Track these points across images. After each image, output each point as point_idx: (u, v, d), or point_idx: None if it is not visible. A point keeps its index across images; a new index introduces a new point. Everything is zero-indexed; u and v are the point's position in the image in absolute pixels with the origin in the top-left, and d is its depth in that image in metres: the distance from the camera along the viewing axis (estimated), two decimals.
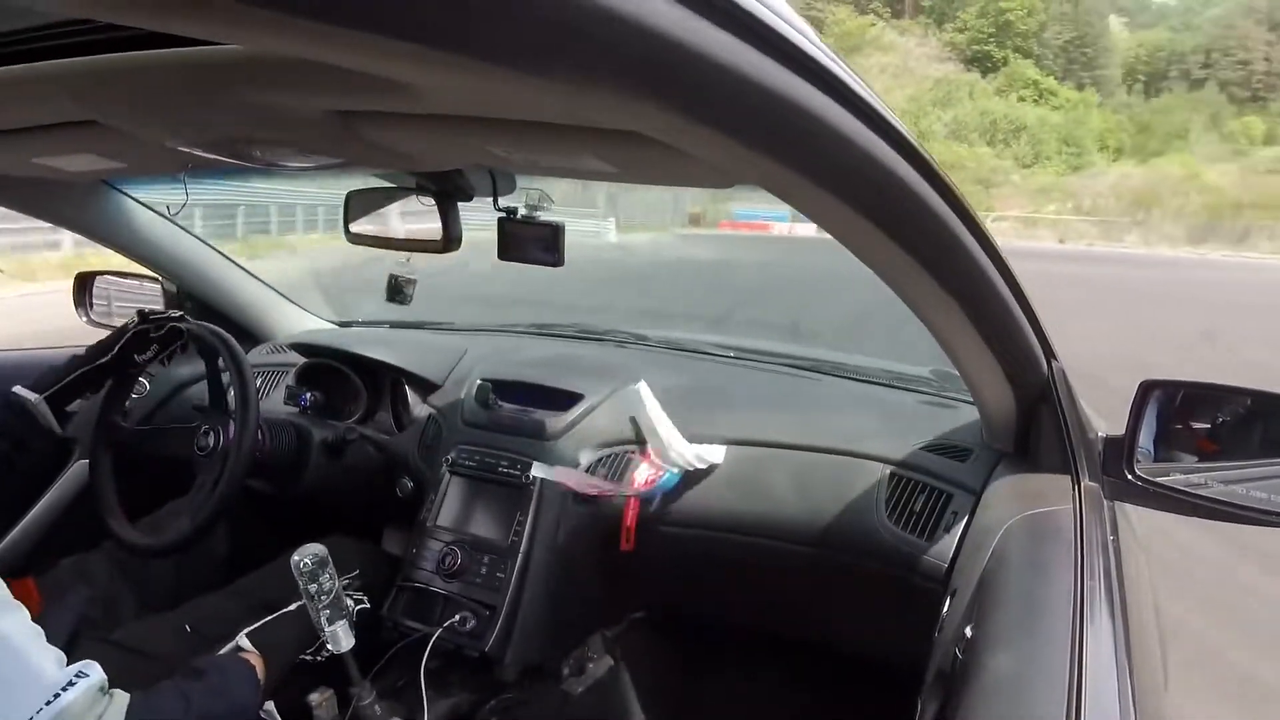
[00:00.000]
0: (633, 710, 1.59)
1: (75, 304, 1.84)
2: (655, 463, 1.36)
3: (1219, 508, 0.88)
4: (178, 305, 1.78)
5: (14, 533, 1.59)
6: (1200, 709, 2.15)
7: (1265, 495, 0.86)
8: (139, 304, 1.81)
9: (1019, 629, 0.72)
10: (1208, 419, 0.97)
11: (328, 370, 1.73)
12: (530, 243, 1.12)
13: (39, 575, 1.28)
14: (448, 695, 1.37)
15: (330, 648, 1.13)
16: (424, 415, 1.65)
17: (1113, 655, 0.68)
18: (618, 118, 0.46)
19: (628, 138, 0.59)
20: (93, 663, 0.83)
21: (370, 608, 1.23)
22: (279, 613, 1.14)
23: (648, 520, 1.37)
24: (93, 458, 1.41)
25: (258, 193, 11.49)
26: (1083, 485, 0.95)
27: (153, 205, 1.61)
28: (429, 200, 1.13)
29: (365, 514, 1.70)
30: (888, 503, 1.24)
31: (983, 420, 1.18)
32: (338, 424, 1.61)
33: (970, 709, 0.63)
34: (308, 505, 1.58)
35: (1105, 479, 0.98)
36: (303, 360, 1.76)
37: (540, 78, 0.37)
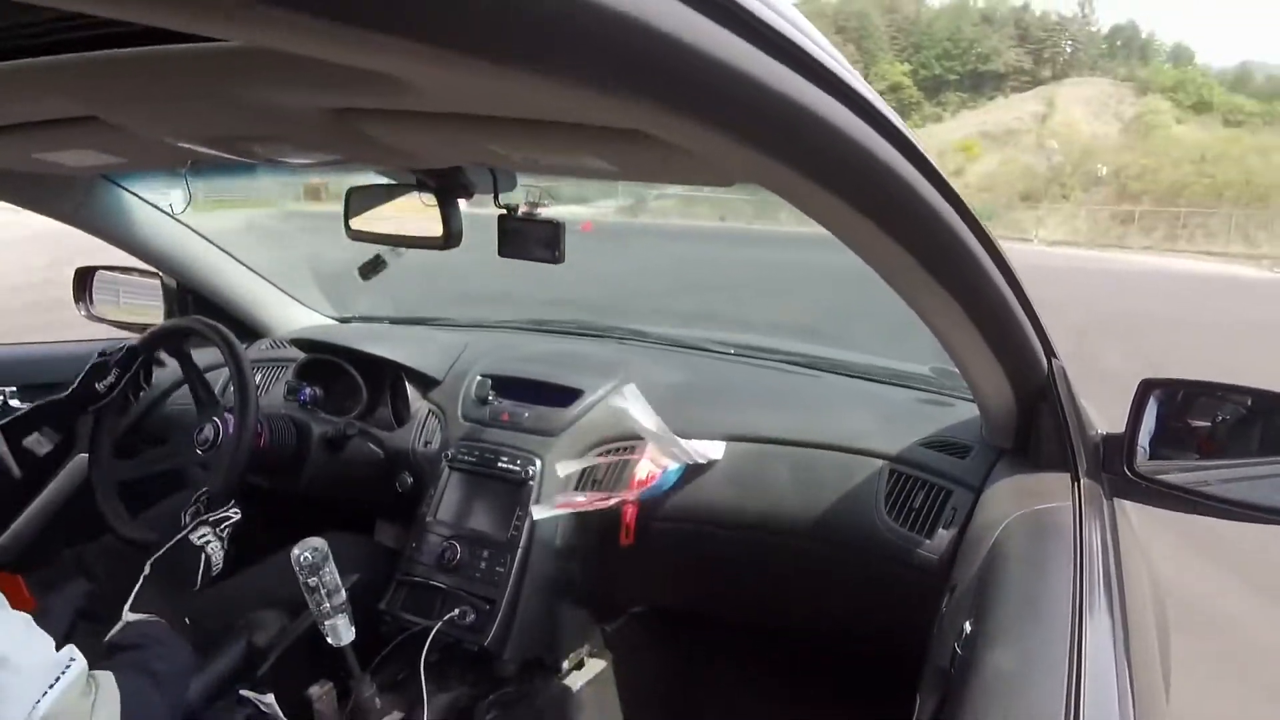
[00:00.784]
0: (632, 704, 1.60)
1: (75, 299, 1.84)
2: (655, 459, 1.37)
3: (1218, 505, 0.88)
4: (178, 300, 1.78)
5: (14, 526, 1.60)
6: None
7: (1265, 493, 0.87)
8: (139, 299, 1.81)
9: (1018, 625, 0.72)
10: (1207, 417, 0.97)
11: (327, 366, 1.73)
12: (530, 240, 1.12)
13: (37, 568, 1.28)
14: (447, 689, 1.37)
15: (330, 641, 1.13)
16: (424, 411, 1.65)
17: (1111, 651, 0.68)
18: (619, 116, 0.46)
19: (629, 136, 0.59)
20: (71, 646, 0.84)
21: (367, 603, 1.23)
22: (138, 583, 1.11)
23: (647, 515, 1.37)
24: (92, 458, 1.42)
25: None
26: (1082, 482, 0.95)
27: (153, 200, 1.61)
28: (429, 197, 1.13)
29: (364, 509, 1.71)
30: (887, 499, 1.24)
31: (982, 417, 1.18)
32: (337, 419, 1.61)
33: (970, 704, 0.64)
34: (307, 500, 1.58)
35: (1105, 476, 0.99)
36: (302, 355, 1.76)
37: (541, 75, 0.37)
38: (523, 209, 1.11)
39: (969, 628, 0.75)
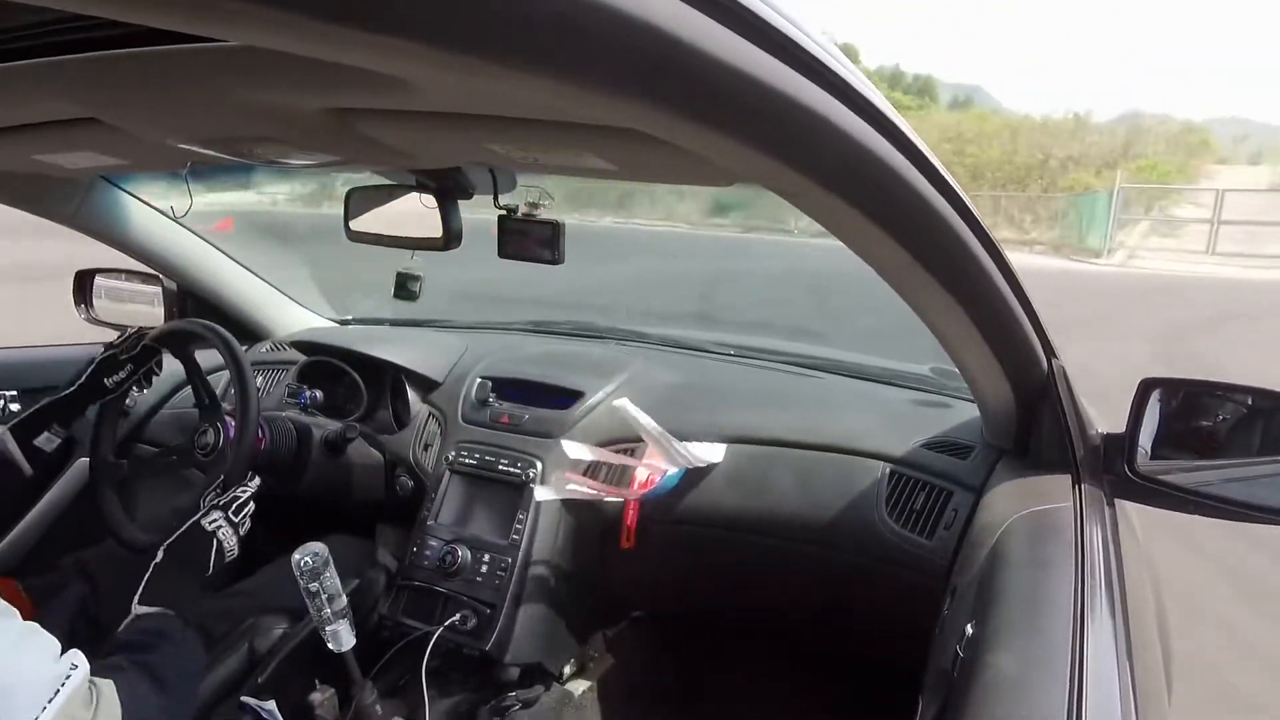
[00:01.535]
0: (634, 709, 1.60)
1: (75, 302, 1.83)
2: (655, 461, 1.36)
3: (1220, 505, 0.88)
4: (178, 303, 1.78)
5: (15, 531, 1.60)
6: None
7: (1266, 492, 0.86)
8: (139, 302, 1.81)
9: (1020, 627, 0.72)
10: (1208, 417, 0.97)
11: (328, 368, 1.72)
12: (530, 241, 1.12)
13: (39, 574, 1.28)
14: (449, 694, 1.37)
15: (331, 647, 1.13)
16: (424, 413, 1.65)
17: (1113, 653, 0.68)
18: (618, 115, 0.46)
19: (628, 135, 0.59)
20: (75, 653, 0.83)
21: (368, 608, 1.22)
22: (149, 570, 1.10)
23: (648, 518, 1.37)
24: (93, 461, 1.41)
25: None
26: (1083, 483, 0.95)
27: (152, 202, 1.61)
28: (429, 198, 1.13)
29: (365, 513, 1.70)
30: (888, 500, 1.24)
31: (983, 418, 1.18)
32: (338, 422, 1.61)
33: (972, 707, 0.63)
34: (308, 503, 1.58)
35: (1106, 477, 0.98)
36: (303, 358, 1.76)
37: (541, 75, 0.37)
38: (523, 209, 1.11)
39: (970, 630, 0.75)
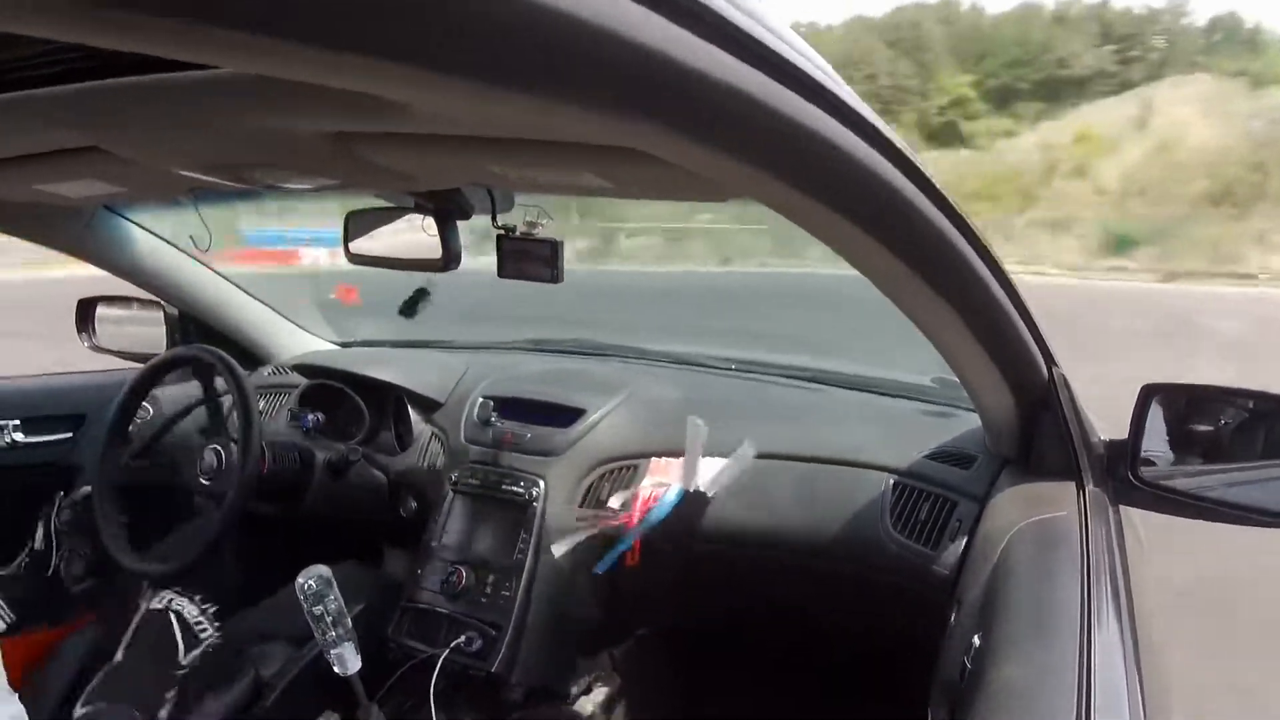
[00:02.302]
0: None
1: (78, 330, 1.84)
2: (659, 477, 1.36)
3: (1223, 510, 0.88)
4: (180, 329, 1.79)
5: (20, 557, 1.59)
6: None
7: (1269, 496, 0.86)
8: (141, 328, 1.81)
9: (1027, 637, 0.71)
10: (1210, 422, 0.97)
11: (330, 391, 1.73)
12: (529, 260, 1.13)
13: (48, 604, 1.27)
14: (455, 717, 1.36)
15: (337, 670, 1.12)
16: (426, 434, 1.65)
17: (1120, 661, 0.67)
18: (617, 135, 0.46)
19: (625, 154, 0.59)
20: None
21: (374, 631, 1.22)
22: (102, 673, 1.09)
23: (652, 536, 1.36)
24: (96, 489, 1.41)
25: None
26: (1087, 490, 0.95)
27: (152, 229, 1.62)
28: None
29: (369, 535, 1.70)
30: (892, 512, 1.23)
31: (985, 427, 1.17)
32: (341, 445, 1.61)
33: (980, 719, 0.63)
34: (311, 527, 1.58)
35: (1109, 483, 0.98)
36: (305, 381, 1.76)
37: (538, 98, 0.38)
38: (521, 229, 1.12)
39: (978, 641, 0.74)
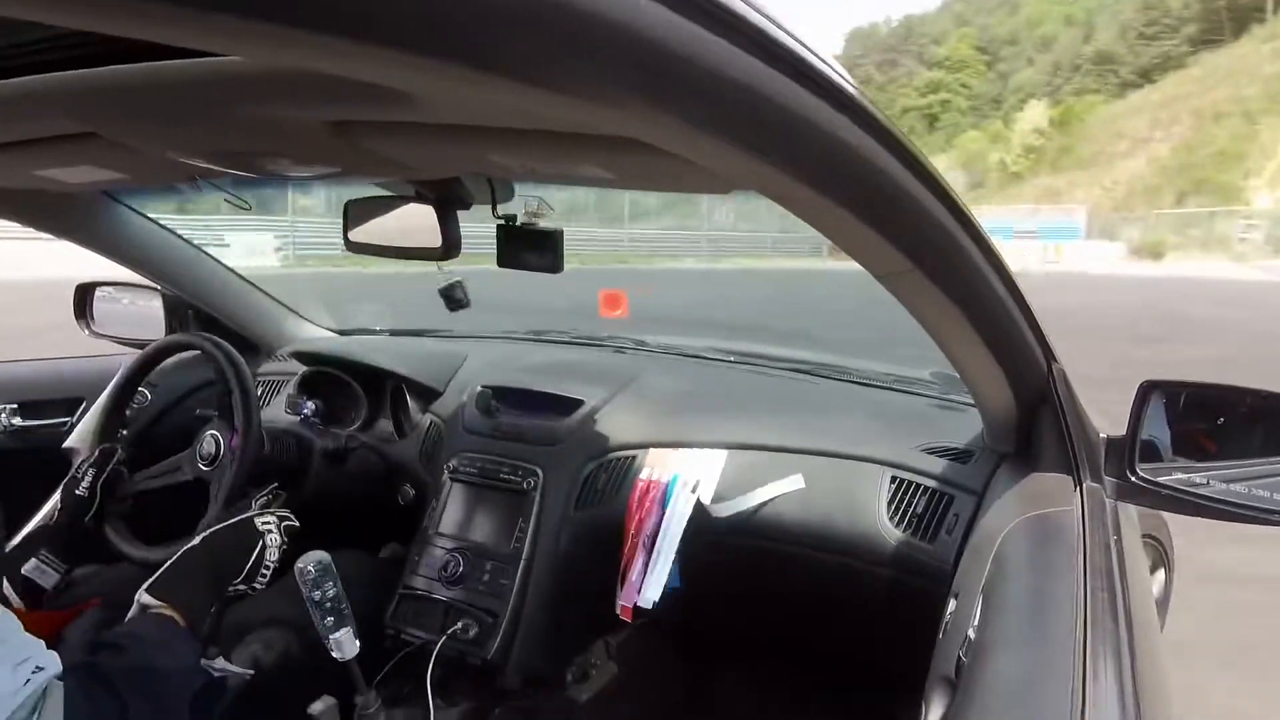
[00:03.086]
0: (637, 716, 1.59)
1: (76, 316, 1.84)
2: (656, 468, 1.36)
3: (1221, 507, 0.88)
4: (178, 315, 1.79)
5: (16, 539, 1.59)
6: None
7: (1267, 494, 0.86)
8: (139, 315, 1.81)
9: (1023, 632, 0.72)
10: (1209, 419, 0.97)
11: (329, 379, 1.73)
12: (528, 250, 1.12)
13: (55, 590, 1.27)
14: (452, 703, 1.37)
15: (335, 655, 1.13)
16: (425, 423, 1.65)
17: (1117, 657, 0.68)
18: (618, 125, 0.46)
19: (626, 144, 0.59)
20: (49, 653, 0.79)
21: (372, 617, 1.22)
22: (175, 556, 1.07)
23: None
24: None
25: None
26: (1085, 486, 0.95)
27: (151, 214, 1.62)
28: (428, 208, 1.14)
29: (367, 522, 1.70)
30: (889, 506, 1.24)
31: (984, 422, 1.18)
32: (339, 432, 1.61)
33: (975, 713, 0.63)
34: (310, 514, 1.58)
35: (1107, 480, 0.98)
36: (304, 369, 1.76)
37: (539, 87, 0.38)
38: (521, 219, 1.11)
39: (974, 635, 0.75)
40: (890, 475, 1.26)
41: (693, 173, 0.66)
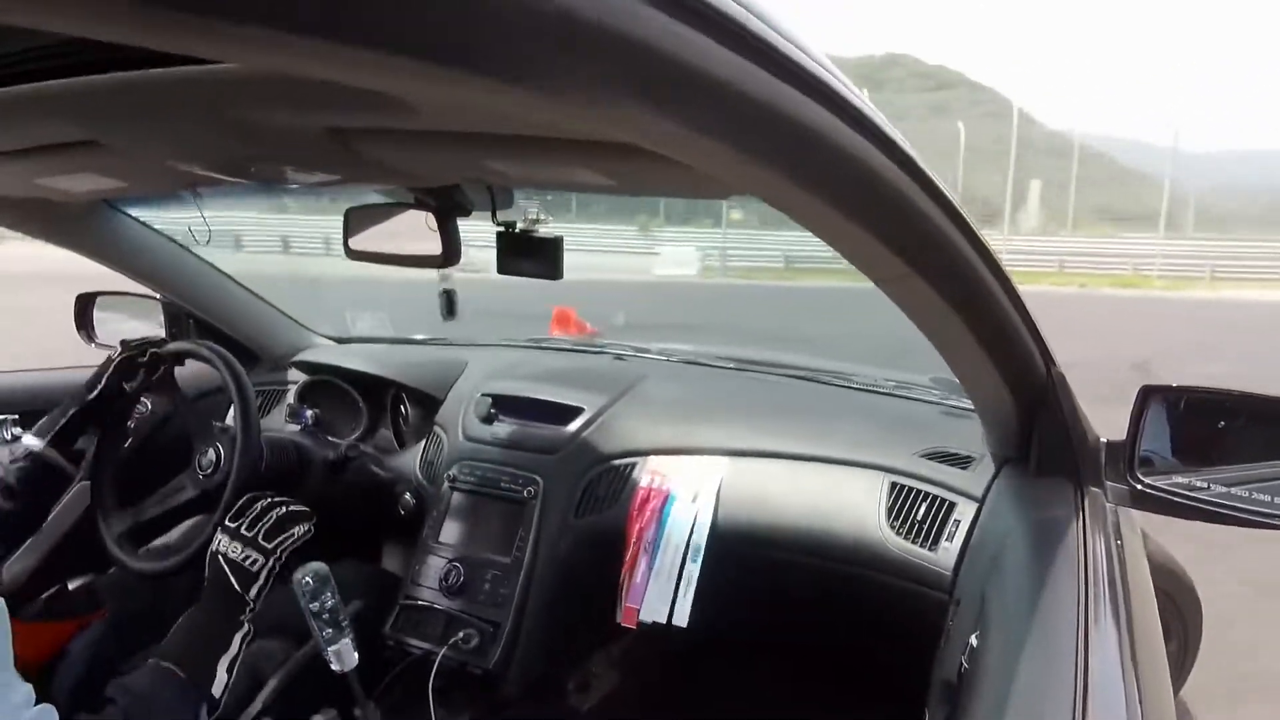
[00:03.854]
0: None
1: (77, 327, 1.84)
2: (655, 476, 1.36)
3: (1221, 511, 0.88)
4: (179, 324, 1.79)
5: (16, 555, 1.59)
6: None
7: (1268, 498, 0.86)
8: (142, 324, 1.81)
9: (1024, 638, 0.71)
10: (1209, 424, 0.97)
11: (328, 387, 1.72)
12: (529, 256, 1.13)
13: (48, 600, 1.27)
14: (453, 713, 1.36)
15: (334, 666, 1.12)
16: (425, 431, 1.64)
17: (1118, 662, 0.67)
18: (617, 131, 0.46)
19: (625, 150, 0.59)
20: (48, 707, 0.77)
21: (372, 628, 1.21)
22: (185, 615, 1.08)
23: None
24: (94, 485, 1.41)
25: None
26: (1085, 491, 0.95)
27: (152, 224, 1.62)
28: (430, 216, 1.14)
29: (367, 532, 1.70)
30: (890, 512, 1.23)
31: (984, 427, 1.17)
32: (339, 441, 1.60)
33: (977, 719, 0.63)
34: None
35: (1107, 485, 0.98)
36: (303, 378, 1.76)
37: (538, 93, 0.38)
38: (521, 225, 1.12)
39: (975, 641, 0.74)
40: (890, 481, 1.25)
41: (692, 178, 0.67)
